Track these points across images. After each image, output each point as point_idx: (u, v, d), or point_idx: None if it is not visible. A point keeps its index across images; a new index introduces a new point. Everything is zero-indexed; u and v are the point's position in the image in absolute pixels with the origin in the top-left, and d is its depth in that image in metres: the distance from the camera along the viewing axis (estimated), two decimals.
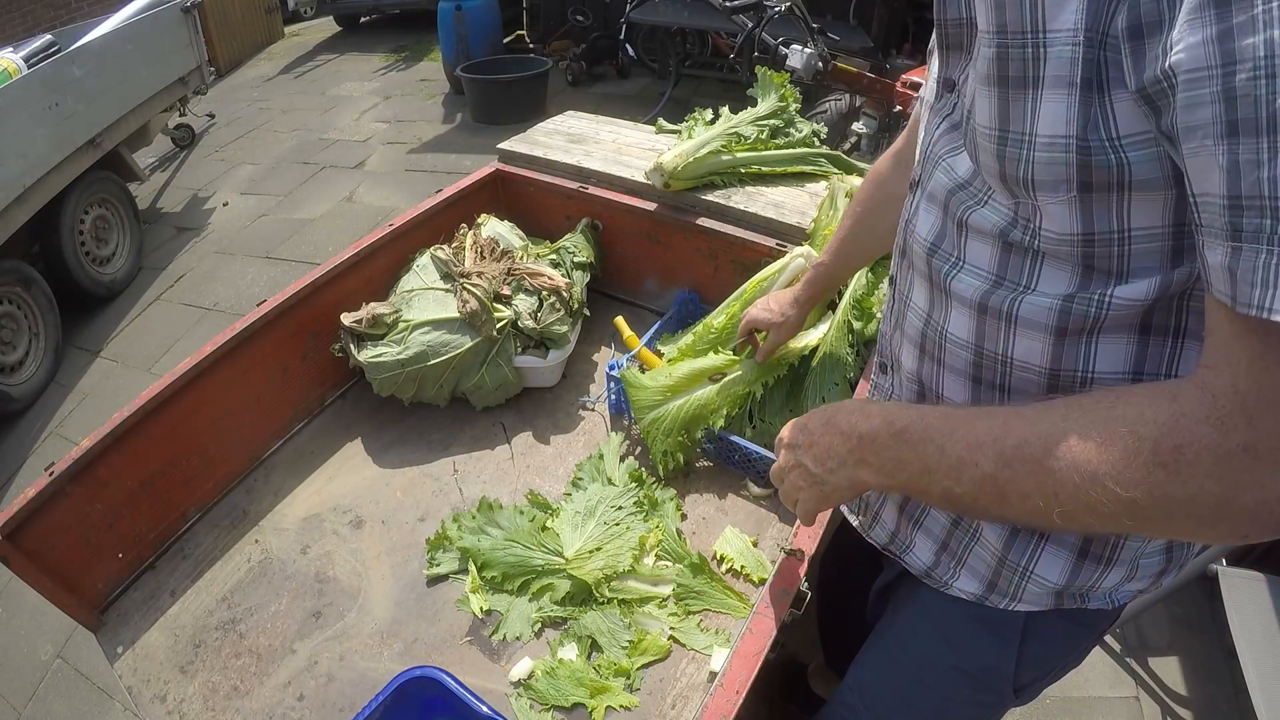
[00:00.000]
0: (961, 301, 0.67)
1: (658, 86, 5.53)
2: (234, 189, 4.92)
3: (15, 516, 1.13)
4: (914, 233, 0.73)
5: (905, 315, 0.78)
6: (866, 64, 4.14)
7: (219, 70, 6.87)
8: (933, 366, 0.75)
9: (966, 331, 0.68)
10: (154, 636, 1.25)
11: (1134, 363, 0.60)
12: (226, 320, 3.42)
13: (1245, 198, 0.41)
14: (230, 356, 1.44)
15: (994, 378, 0.68)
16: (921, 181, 0.73)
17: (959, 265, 0.67)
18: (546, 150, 1.96)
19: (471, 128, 5.44)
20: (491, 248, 1.71)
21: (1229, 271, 0.43)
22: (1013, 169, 0.56)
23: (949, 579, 0.82)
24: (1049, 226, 0.57)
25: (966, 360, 0.70)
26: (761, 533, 1.33)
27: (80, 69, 3.46)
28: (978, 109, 0.59)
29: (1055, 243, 0.58)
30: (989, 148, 0.58)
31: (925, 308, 0.74)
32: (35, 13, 5.69)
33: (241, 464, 1.53)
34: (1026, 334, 0.63)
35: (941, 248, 0.69)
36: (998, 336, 0.65)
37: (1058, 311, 0.60)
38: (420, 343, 1.52)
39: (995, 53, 0.55)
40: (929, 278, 0.72)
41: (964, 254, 0.67)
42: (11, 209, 3.06)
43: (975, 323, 0.67)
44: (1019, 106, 0.54)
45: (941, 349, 0.72)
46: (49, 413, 3.17)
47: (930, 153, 0.70)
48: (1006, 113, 0.56)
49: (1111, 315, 0.58)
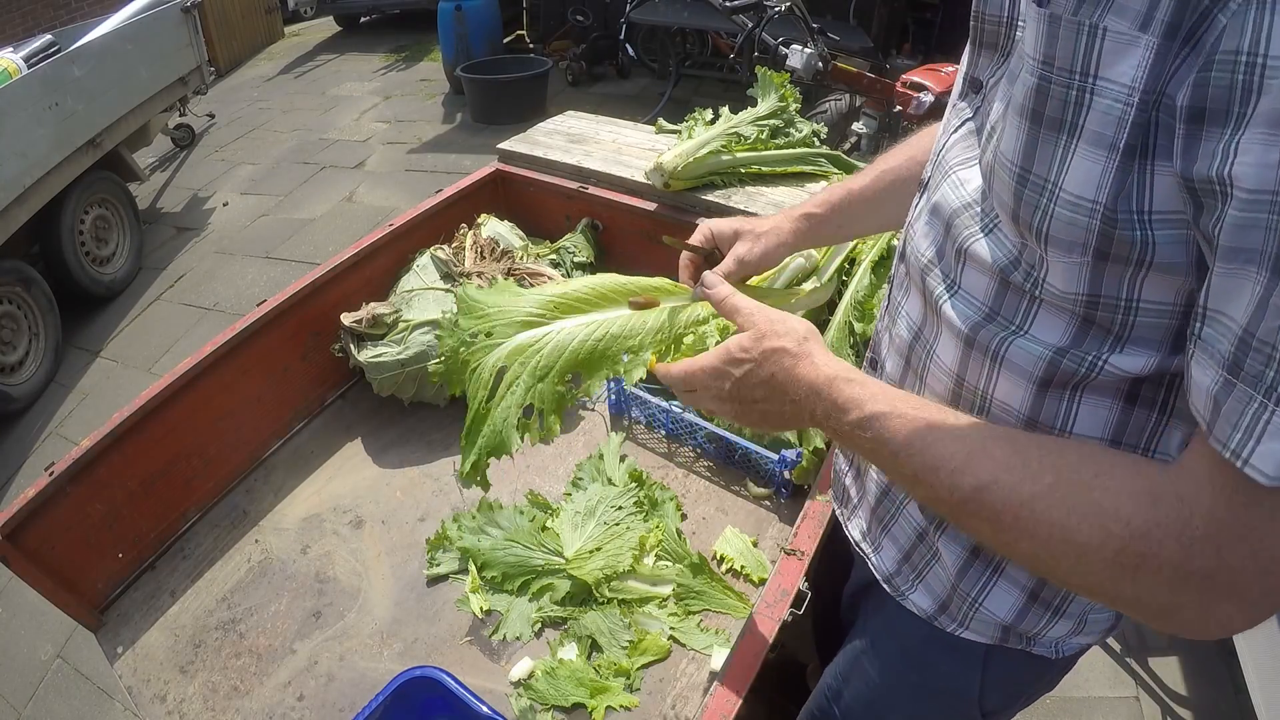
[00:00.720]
0: (951, 328, 0.64)
1: (658, 86, 5.53)
2: (234, 189, 4.92)
3: (15, 516, 1.13)
4: (913, 242, 0.70)
5: (897, 321, 0.75)
6: (866, 64, 4.14)
7: (219, 70, 6.87)
8: (915, 381, 0.72)
9: (952, 359, 0.65)
10: (154, 636, 1.25)
11: (1115, 430, 0.58)
12: (226, 320, 3.42)
13: (1260, 339, 0.39)
14: (230, 356, 1.44)
15: (970, 410, 0.64)
16: (929, 187, 0.69)
17: (954, 290, 0.64)
18: (546, 150, 1.96)
19: (471, 128, 5.44)
20: (491, 248, 1.71)
21: (1214, 400, 0.42)
22: (1028, 214, 0.52)
23: (907, 590, 0.81)
24: (1053, 281, 0.53)
25: (947, 386, 0.67)
26: (761, 533, 1.33)
27: (80, 69, 3.46)
28: (1005, 136, 0.54)
29: (1057, 297, 0.54)
30: (1007, 182, 0.53)
31: (917, 321, 0.71)
32: (35, 13, 5.69)
33: (241, 464, 1.53)
34: (1010, 377, 0.60)
35: (938, 267, 0.66)
36: (981, 372, 0.62)
37: (1046, 362, 0.57)
38: (420, 343, 1.52)
39: (1036, 84, 0.49)
40: (923, 293, 0.69)
41: (960, 280, 0.63)
42: (11, 209, 3.06)
43: (961, 353, 0.64)
44: (1048, 150, 0.50)
45: (925, 368, 0.69)
46: (49, 413, 3.17)
47: (943, 158, 0.66)
48: (1034, 152, 0.51)
49: (1101, 378, 0.55)
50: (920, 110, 3.63)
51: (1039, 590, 0.70)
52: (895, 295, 0.77)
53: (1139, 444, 0.57)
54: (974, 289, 0.62)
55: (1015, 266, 0.56)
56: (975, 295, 0.62)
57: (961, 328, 0.62)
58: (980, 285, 0.61)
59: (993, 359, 0.61)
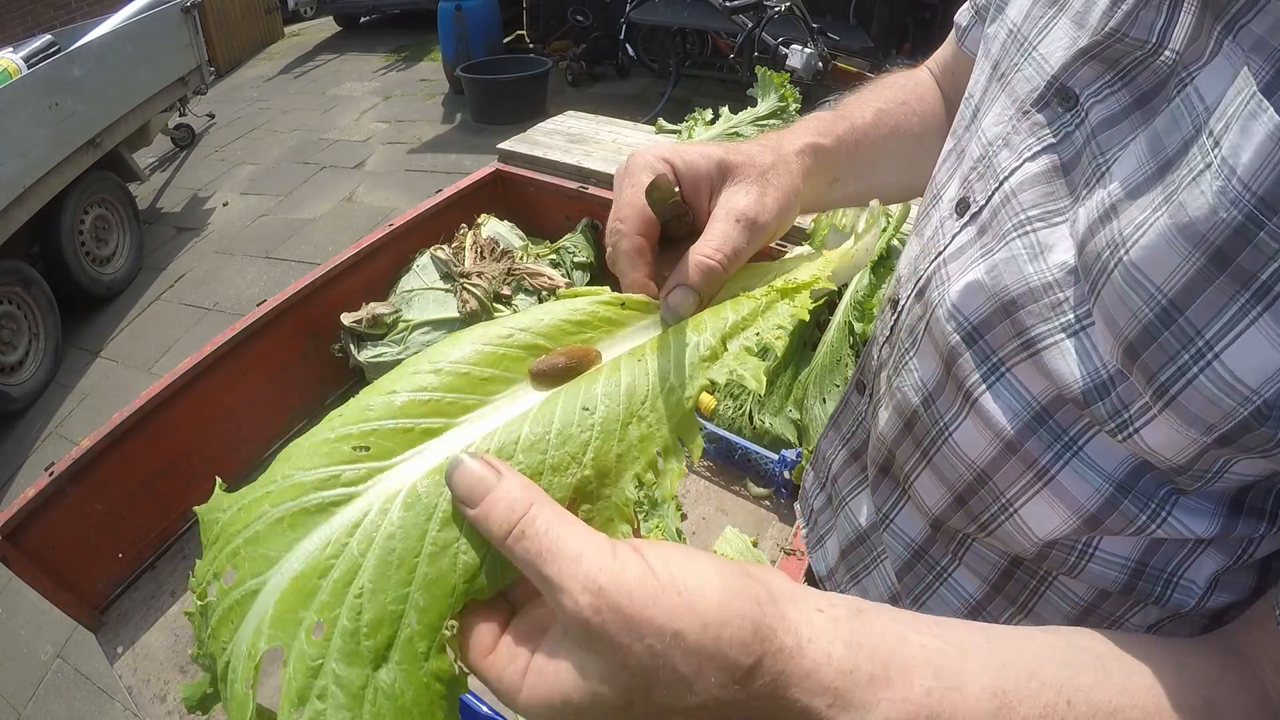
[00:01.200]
0: (987, 421, 0.49)
1: (658, 86, 5.54)
2: (234, 189, 4.92)
3: (15, 516, 1.13)
4: (945, 296, 0.52)
5: (900, 371, 0.59)
6: (866, 64, 4.15)
7: (219, 70, 6.87)
8: (914, 454, 0.57)
9: (978, 454, 0.51)
10: (154, 636, 1.25)
11: (1139, 558, 0.48)
12: (226, 320, 3.42)
13: None
14: (230, 356, 1.44)
15: (981, 512, 0.52)
16: (982, 221, 0.51)
17: (999, 375, 0.48)
18: (546, 150, 1.96)
19: (471, 128, 5.44)
20: (491, 248, 1.71)
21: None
22: (1155, 362, 0.38)
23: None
24: (1149, 438, 0.41)
25: (961, 478, 0.53)
26: (761, 533, 1.33)
27: (80, 69, 3.46)
28: (1150, 246, 0.37)
29: (1139, 447, 0.42)
30: (1137, 306, 0.38)
31: (929, 386, 0.55)
32: (35, 13, 5.69)
33: (241, 464, 1.53)
34: (1054, 503, 0.47)
35: (984, 339, 0.49)
36: (1017, 483, 0.49)
37: (1105, 499, 0.44)
38: (420, 343, 1.52)
39: (1239, 223, 0.33)
40: (947, 360, 0.52)
41: (1014, 373, 0.47)
42: (11, 209, 3.06)
43: (996, 454, 0.49)
44: (1218, 301, 0.35)
45: (935, 446, 0.55)
46: (49, 413, 3.17)
47: (1013, 194, 0.48)
48: (1195, 294, 0.36)
49: (1160, 532, 0.44)
50: None
51: None
52: (899, 336, 0.60)
53: (1165, 569, 0.47)
54: (1032, 383, 0.47)
55: (1100, 396, 0.42)
56: (1032, 391, 0.47)
57: (1004, 427, 0.48)
58: (1039, 385, 0.46)
59: (1039, 477, 0.47)
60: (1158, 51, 0.41)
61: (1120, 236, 0.38)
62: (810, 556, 0.79)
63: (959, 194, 0.54)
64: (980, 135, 0.52)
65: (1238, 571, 0.45)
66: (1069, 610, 0.52)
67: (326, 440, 0.36)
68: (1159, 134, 0.38)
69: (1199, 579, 0.45)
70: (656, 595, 0.30)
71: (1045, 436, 0.46)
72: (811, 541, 0.81)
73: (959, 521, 0.55)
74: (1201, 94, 0.37)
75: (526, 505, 0.32)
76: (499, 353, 0.39)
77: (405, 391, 0.37)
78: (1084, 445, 0.45)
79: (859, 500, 0.69)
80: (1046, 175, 0.46)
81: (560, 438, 0.36)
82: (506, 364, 0.39)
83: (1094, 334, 0.42)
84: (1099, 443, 0.44)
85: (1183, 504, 0.43)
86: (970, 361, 0.50)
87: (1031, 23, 0.50)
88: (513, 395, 0.39)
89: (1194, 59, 0.38)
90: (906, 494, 0.61)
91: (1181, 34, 0.39)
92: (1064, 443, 0.46)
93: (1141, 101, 0.41)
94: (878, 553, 0.66)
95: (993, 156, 0.50)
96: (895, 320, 0.61)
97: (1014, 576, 0.54)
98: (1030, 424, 0.47)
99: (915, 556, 0.61)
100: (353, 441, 0.36)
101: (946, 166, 0.60)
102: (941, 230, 0.55)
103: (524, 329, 0.40)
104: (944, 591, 0.59)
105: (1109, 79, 0.43)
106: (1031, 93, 0.48)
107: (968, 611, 0.58)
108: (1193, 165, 0.35)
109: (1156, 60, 0.41)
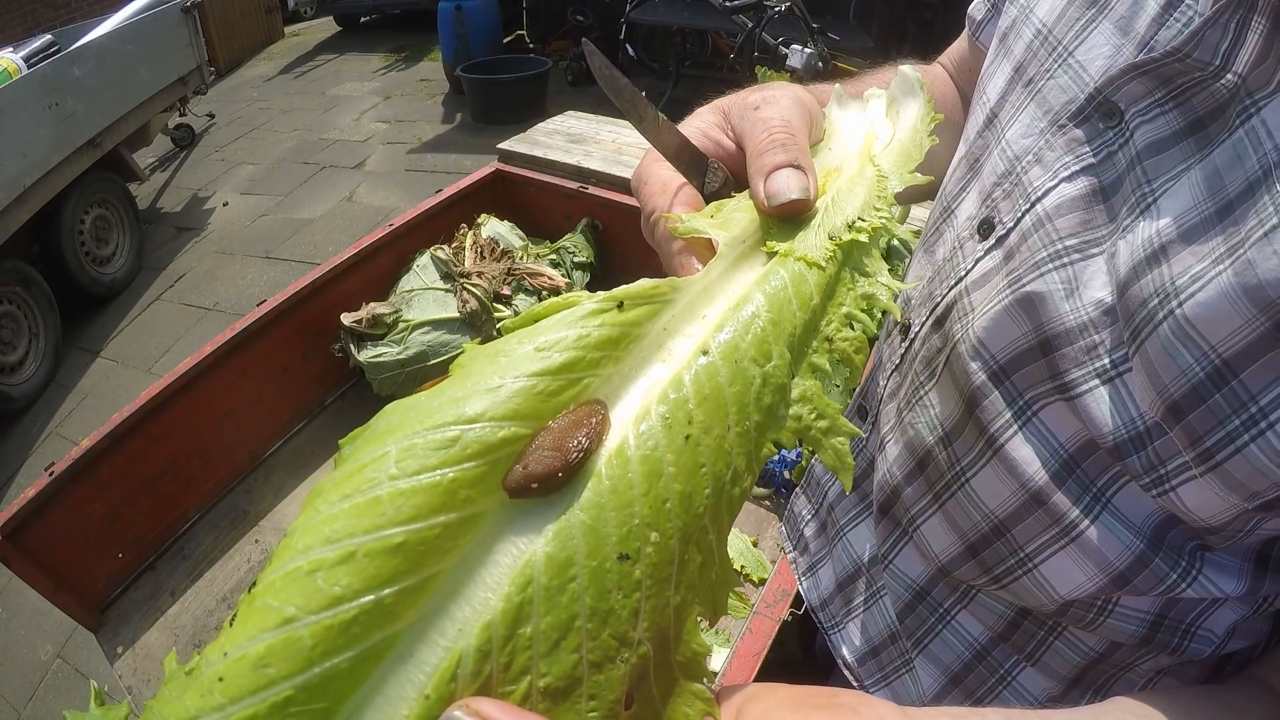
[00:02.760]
0: (1011, 469, 0.45)
1: (658, 86, 5.53)
2: (234, 189, 4.92)
3: (15, 516, 1.13)
4: (968, 319, 0.47)
5: (913, 406, 0.54)
6: (866, 64, 4.14)
7: (219, 70, 6.87)
8: (924, 495, 0.53)
9: (998, 504, 0.47)
10: (154, 636, 1.25)
11: (1158, 612, 0.45)
12: (226, 320, 3.42)
13: None
14: (230, 356, 1.44)
15: (996, 564, 0.48)
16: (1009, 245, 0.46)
17: (1027, 419, 0.44)
18: (546, 150, 1.96)
19: (471, 128, 5.44)
20: (491, 248, 1.71)
21: None
22: (1202, 426, 0.35)
23: (871, 685, 0.65)
24: (1184, 496, 0.38)
25: (976, 527, 0.49)
26: (761, 533, 1.33)
27: (80, 69, 3.46)
28: (1206, 307, 0.34)
29: (1174, 505, 0.39)
30: (1188, 364, 0.35)
31: (946, 426, 0.50)
32: (35, 13, 5.69)
33: (241, 464, 1.53)
34: (1081, 560, 0.43)
35: (1012, 379, 0.45)
36: (1040, 537, 0.45)
37: (1135, 557, 0.41)
38: (420, 343, 1.52)
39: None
40: (969, 400, 0.47)
41: (1041, 416, 0.44)
42: (11, 209, 3.06)
43: (1018, 504, 0.45)
44: (1276, 368, 0.32)
45: (949, 491, 0.50)
46: (49, 413, 3.17)
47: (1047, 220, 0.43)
48: (1254, 357, 0.33)
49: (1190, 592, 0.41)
50: None
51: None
52: (915, 365, 0.55)
53: (1183, 622, 0.44)
54: (1061, 428, 0.43)
55: (1135, 449, 0.39)
56: (1060, 437, 0.43)
57: (1031, 476, 0.44)
58: (1067, 430, 0.43)
59: (1065, 532, 0.44)
60: (1220, 74, 0.36)
61: (1173, 286, 0.35)
62: (800, 583, 0.75)
63: (981, 212, 0.49)
64: (1005, 148, 0.47)
65: (1255, 619, 0.44)
66: (1078, 660, 0.49)
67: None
68: (1219, 170, 0.35)
69: (1218, 629, 0.43)
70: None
71: (1074, 488, 0.43)
72: (801, 568, 0.75)
73: (968, 572, 0.51)
74: (1270, 129, 0.33)
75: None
76: (442, 485, 0.23)
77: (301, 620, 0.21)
78: (1112, 497, 0.42)
79: (859, 532, 0.65)
80: (1085, 200, 0.41)
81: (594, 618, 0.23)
82: (461, 498, 0.23)
83: (1131, 382, 0.38)
84: (1127, 494, 0.41)
85: (1210, 560, 0.40)
86: (997, 403, 0.45)
87: (1066, 25, 0.45)
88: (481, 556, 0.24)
89: (1259, 85, 0.34)
90: (909, 536, 0.57)
91: (1247, 56, 0.34)
92: (1093, 494, 0.42)
93: (1195, 127, 0.37)
94: (878, 587, 0.62)
95: (1022, 174, 0.45)
96: (907, 349, 0.56)
97: (1021, 626, 0.51)
98: (1059, 473, 0.43)
99: (917, 598, 0.58)
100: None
101: (957, 177, 0.55)
102: (961, 252, 0.50)
103: (474, 420, 0.24)
104: (946, 634, 0.56)
105: (1159, 97, 0.39)
106: (1068, 104, 0.43)
107: (971, 655, 0.55)
108: (1263, 217, 0.32)
109: (1217, 83, 0.36)
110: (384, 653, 0.22)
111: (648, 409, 0.25)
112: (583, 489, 0.24)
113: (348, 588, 0.21)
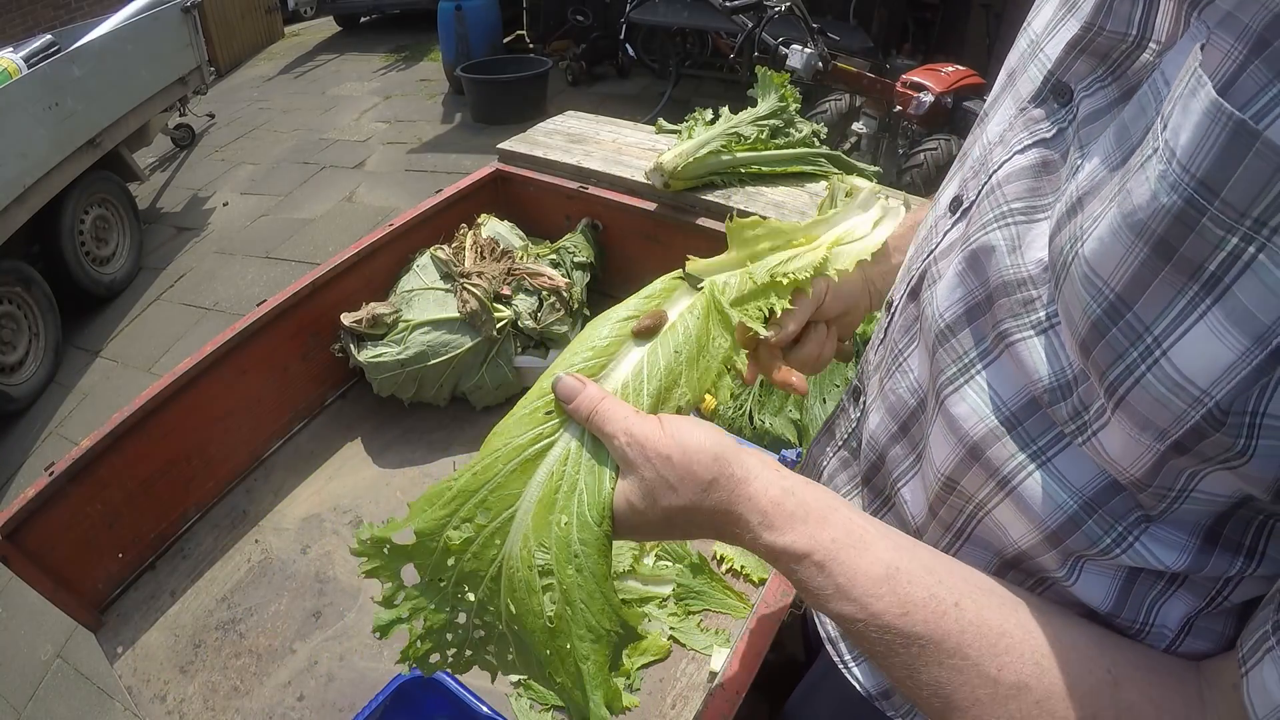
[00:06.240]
0: (951, 425, 0.48)
1: (658, 86, 5.54)
2: (234, 189, 4.92)
3: (15, 516, 1.13)
4: (934, 288, 0.52)
5: (894, 374, 0.58)
6: (866, 64, 4.15)
7: (219, 70, 6.88)
8: (908, 456, 0.56)
9: (943, 460, 0.49)
10: (154, 636, 1.25)
11: (1114, 603, 0.45)
12: (226, 320, 3.42)
13: None
14: (230, 356, 1.44)
15: (956, 519, 0.51)
16: (970, 216, 0.50)
17: (969, 375, 0.47)
18: (546, 150, 1.96)
19: (471, 128, 5.45)
20: (491, 248, 1.71)
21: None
22: (1104, 359, 0.36)
23: (850, 661, 0.68)
24: (1107, 443, 0.39)
25: (934, 488, 0.51)
26: None
27: (80, 69, 3.46)
28: (1101, 240, 0.36)
29: (1098, 454, 0.40)
30: (1086, 303, 0.37)
31: (921, 388, 0.54)
32: (35, 13, 5.70)
33: (241, 464, 1.53)
34: (1019, 514, 0.45)
35: (957, 338, 0.48)
36: (980, 491, 0.47)
37: (1068, 517, 0.42)
38: (420, 343, 1.52)
39: (1179, 209, 0.32)
40: (930, 359, 0.52)
41: (984, 370, 0.46)
42: (11, 209, 3.06)
43: (959, 460, 0.48)
44: (1164, 295, 0.33)
45: (923, 449, 0.53)
46: (49, 413, 3.18)
47: (1000, 186, 0.47)
48: (1142, 287, 0.34)
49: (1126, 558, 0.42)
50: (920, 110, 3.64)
51: None
52: (894, 335, 0.59)
53: (1137, 617, 0.44)
54: (1002, 385, 0.45)
55: (1063, 396, 0.41)
56: (1001, 394, 0.45)
57: (968, 430, 0.47)
58: (1010, 385, 0.45)
59: (1001, 486, 0.46)
60: (1142, 43, 0.39)
61: (1080, 231, 0.37)
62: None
63: (955, 193, 0.54)
64: (984, 139, 0.52)
65: (1213, 617, 0.42)
66: None
67: (526, 414, 0.55)
68: (1125, 123, 0.37)
69: (1170, 622, 0.43)
70: (660, 436, 0.49)
71: (1011, 444, 0.44)
72: None
73: (933, 534, 0.53)
74: (1167, 78, 0.35)
75: (600, 398, 0.52)
76: (611, 336, 0.58)
77: (573, 366, 0.56)
78: (1053, 457, 0.43)
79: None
80: (1034, 169, 0.45)
81: (669, 375, 0.56)
82: (615, 340, 0.58)
83: (1057, 332, 0.41)
84: (1070, 455, 0.42)
85: (1152, 532, 0.41)
86: (952, 354, 0.48)
87: (1050, 29, 0.49)
88: (620, 359, 0.57)
89: (1169, 46, 0.36)
90: (891, 503, 0.59)
91: (1165, 23, 0.37)
92: (1031, 451, 0.44)
93: (1127, 95, 0.40)
94: None
95: (988, 155, 0.50)
96: (889, 321, 0.60)
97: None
98: (995, 430, 0.45)
99: None
100: (544, 409, 0.54)
101: (950, 173, 0.60)
102: (936, 229, 0.55)
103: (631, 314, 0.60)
104: None
105: (1100, 73, 0.42)
106: (1031, 90, 0.47)
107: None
108: (1145, 152, 0.34)
109: (1143, 53, 0.39)
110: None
111: (680, 317, 0.59)
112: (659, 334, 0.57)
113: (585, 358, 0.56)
